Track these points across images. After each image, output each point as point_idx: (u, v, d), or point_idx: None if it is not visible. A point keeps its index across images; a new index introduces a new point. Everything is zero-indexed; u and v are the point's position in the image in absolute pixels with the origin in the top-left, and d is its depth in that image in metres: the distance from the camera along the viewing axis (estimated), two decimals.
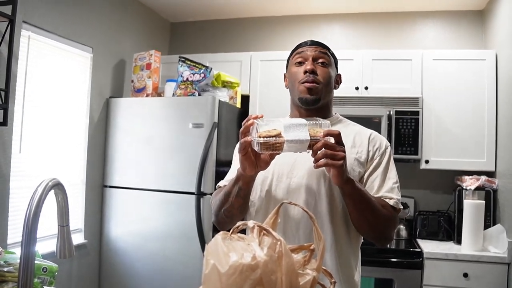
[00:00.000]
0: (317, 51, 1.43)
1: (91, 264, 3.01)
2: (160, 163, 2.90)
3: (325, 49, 1.46)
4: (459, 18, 3.46)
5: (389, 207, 1.33)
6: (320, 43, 1.47)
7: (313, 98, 1.40)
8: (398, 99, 3.06)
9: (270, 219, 0.94)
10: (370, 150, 1.41)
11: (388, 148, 1.44)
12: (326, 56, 1.44)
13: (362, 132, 1.46)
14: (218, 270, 0.78)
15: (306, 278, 0.83)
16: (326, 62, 1.43)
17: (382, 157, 1.41)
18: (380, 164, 1.40)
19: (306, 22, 3.76)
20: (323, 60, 1.43)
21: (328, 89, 1.43)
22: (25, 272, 1.07)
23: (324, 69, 1.42)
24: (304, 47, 1.46)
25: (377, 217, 1.30)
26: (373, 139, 1.43)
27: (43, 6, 2.53)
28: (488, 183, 2.84)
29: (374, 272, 2.74)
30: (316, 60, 1.42)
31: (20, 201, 2.38)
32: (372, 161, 1.40)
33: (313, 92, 1.40)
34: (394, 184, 1.38)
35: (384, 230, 1.35)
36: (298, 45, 1.50)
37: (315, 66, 1.41)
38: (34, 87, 2.53)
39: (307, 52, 1.44)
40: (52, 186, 1.12)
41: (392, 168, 1.42)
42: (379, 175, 1.38)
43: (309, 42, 1.47)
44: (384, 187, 1.37)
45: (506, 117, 2.78)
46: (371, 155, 1.40)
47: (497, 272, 2.57)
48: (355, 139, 1.42)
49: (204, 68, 2.98)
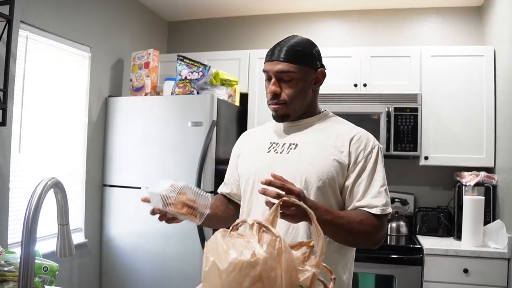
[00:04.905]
0: (279, 69, 1.36)
1: (92, 263, 3.02)
2: (160, 161, 2.90)
3: (288, 62, 1.35)
4: (457, 15, 3.46)
5: (370, 219, 1.29)
6: (284, 54, 1.36)
7: (282, 116, 1.42)
8: (397, 96, 3.06)
9: (270, 216, 0.94)
10: (352, 152, 1.35)
11: (375, 148, 1.37)
12: (290, 72, 1.35)
13: (346, 133, 1.40)
14: (218, 267, 0.78)
15: (305, 275, 0.83)
16: (290, 79, 1.36)
17: (367, 159, 1.35)
18: (365, 168, 1.34)
19: (304, 20, 3.75)
20: (286, 77, 1.36)
21: (297, 101, 1.39)
22: (26, 271, 1.07)
23: (289, 84, 1.36)
24: (267, 62, 1.40)
25: (354, 237, 1.29)
26: (357, 141, 1.37)
27: (41, 5, 2.52)
28: (488, 179, 2.84)
29: (375, 268, 2.74)
30: (279, 78, 1.37)
31: (20, 201, 2.37)
32: (355, 165, 1.34)
33: (278, 113, 1.41)
34: (381, 188, 1.33)
35: (367, 242, 1.33)
36: (267, 54, 1.42)
37: (280, 85, 1.37)
38: (33, 87, 2.53)
39: (269, 70, 1.38)
40: (51, 185, 1.13)
41: (380, 170, 1.36)
42: (364, 180, 1.33)
43: (269, 56, 1.39)
44: (369, 193, 1.32)
45: (505, 113, 2.78)
46: (354, 159, 1.35)
47: (497, 268, 2.57)
48: (337, 140, 1.38)
49: (202, 67, 2.97)
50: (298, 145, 1.40)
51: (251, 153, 1.51)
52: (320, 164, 1.34)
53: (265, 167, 1.37)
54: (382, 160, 1.39)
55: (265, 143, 1.47)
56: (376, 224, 1.29)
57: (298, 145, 1.40)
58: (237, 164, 1.56)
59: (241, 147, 1.59)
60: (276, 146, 1.44)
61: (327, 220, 1.18)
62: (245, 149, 1.55)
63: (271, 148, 1.44)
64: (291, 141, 1.42)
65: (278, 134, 1.48)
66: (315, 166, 1.34)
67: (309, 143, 1.40)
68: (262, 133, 1.56)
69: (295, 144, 1.41)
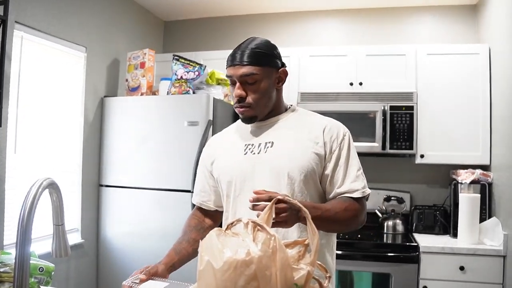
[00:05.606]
0: (242, 73, 1.38)
1: (88, 264, 3.01)
2: (156, 161, 2.90)
3: (250, 64, 1.37)
4: (452, 13, 3.47)
5: (353, 204, 1.36)
6: (246, 57, 1.38)
7: (250, 118, 1.44)
8: (393, 94, 3.07)
9: (265, 215, 0.94)
10: (326, 142, 1.40)
11: (345, 135, 1.43)
12: (253, 75, 1.38)
13: (317, 124, 1.45)
14: (213, 266, 0.78)
15: (300, 273, 0.83)
16: (254, 81, 1.39)
17: (341, 147, 1.41)
18: (340, 155, 1.40)
19: (300, 19, 3.76)
20: (250, 80, 1.38)
21: (263, 102, 1.42)
22: (21, 272, 1.07)
23: (253, 87, 1.39)
24: (230, 67, 1.42)
25: (342, 225, 1.37)
26: (329, 131, 1.42)
27: (36, 6, 2.51)
28: (483, 176, 2.85)
29: (371, 266, 2.75)
30: (243, 82, 1.39)
31: (16, 202, 2.37)
32: (331, 154, 1.40)
33: (245, 115, 1.43)
34: (357, 172, 1.40)
35: (354, 226, 1.40)
36: (228, 59, 1.44)
37: (244, 88, 1.39)
38: (28, 88, 2.52)
39: (233, 74, 1.40)
40: (46, 185, 1.12)
41: (353, 156, 1.42)
42: (341, 167, 1.39)
43: (234, 59, 1.40)
44: (348, 178, 1.38)
45: (500, 110, 2.79)
46: (329, 148, 1.40)
47: (493, 265, 2.58)
48: (311, 132, 1.42)
49: (198, 66, 2.97)
50: (274, 142, 1.42)
51: (227, 158, 1.51)
52: (300, 158, 1.38)
53: (246, 169, 1.41)
54: (353, 143, 1.46)
55: (239, 146, 1.48)
56: (359, 208, 1.37)
57: (274, 142, 1.42)
58: (210, 170, 1.57)
59: (213, 153, 1.58)
60: (252, 147, 1.45)
61: (317, 216, 1.20)
62: (219, 155, 1.55)
63: (247, 149, 1.45)
64: (266, 140, 1.44)
65: (250, 135, 1.49)
66: (296, 160, 1.37)
67: (285, 139, 1.42)
68: (232, 136, 1.56)
69: (271, 142, 1.43)
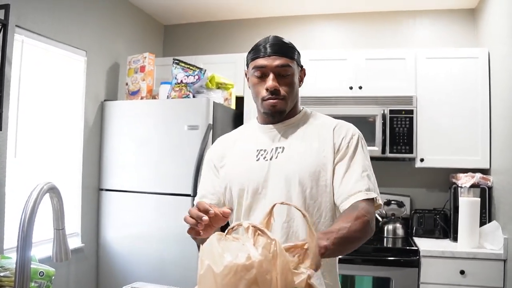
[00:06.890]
0: (278, 64, 1.34)
1: (89, 268, 3.01)
2: (156, 165, 2.90)
3: (285, 57, 1.35)
4: (451, 17, 3.48)
5: (360, 210, 1.22)
6: (279, 49, 1.36)
7: (279, 112, 1.40)
8: (392, 98, 3.07)
9: (264, 219, 0.94)
10: (335, 142, 1.36)
11: (355, 135, 1.38)
12: (287, 67, 1.35)
13: (328, 124, 1.42)
14: (213, 271, 0.78)
15: (301, 277, 0.83)
16: (287, 73, 1.36)
17: (349, 145, 1.36)
18: (347, 154, 1.35)
19: (300, 23, 3.77)
20: (283, 72, 1.35)
21: (293, 97, 1.40)
22: (21, 276, 1.07)
23: (287, 80, 1.37)
24: (263, 58, 1.36)
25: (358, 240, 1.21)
26: (338, 129, 1.39)
27: (36, 10, 2.52)
28: (483, 180, 2.85)
29: (371, 271, 2.74)
30: (277, 73, 1.35)
31: (16, 206, 2.37)
32: (338, 152, 1.35)
33: (277, 108, 1.38)
34: (363, 173, 1.32)
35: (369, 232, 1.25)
36: (256, 51, 1.39)
37: (277, 80, 1.35)
38: (28, 92, 2.52)
39: (267, 66, 1.35)
40: (47, 189, 1.13)
41: (361, 157, 1.35)
42: (344, 165, 1.33)
43: (268, 50, 1.36)
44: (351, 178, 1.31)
45: (500, 114, 2.79)
46: (338, 147, 1.36)
47: (493, 269, 2.58)
48: (320, 134, 1.39)
49: (198, 70, 2.98)
50: (285, 148, 1.40)
51: (238, 162, 1.46)
52: (310, 163, 1.34)
53: (259, 177, 1.37)
54: (365, 146, 1.40)
55: (251, 151, 1.44)
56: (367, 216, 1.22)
57: (285, 148, 1.40)
58: (216, 173, 1.50)
59: (223, 155, 1.51)
60: (264, 153, 1.42)
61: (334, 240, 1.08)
62: (229, 158, 1.49)
63: (259, 155, 1.42)
64: (277, 145, 1.42)
65: (260, 139, 1.46)
66: (306, 166, 1.34)
67: (296, 144, 1.40)
68: (242, 139, 1.52)
69: (282, 147, 1.41)
